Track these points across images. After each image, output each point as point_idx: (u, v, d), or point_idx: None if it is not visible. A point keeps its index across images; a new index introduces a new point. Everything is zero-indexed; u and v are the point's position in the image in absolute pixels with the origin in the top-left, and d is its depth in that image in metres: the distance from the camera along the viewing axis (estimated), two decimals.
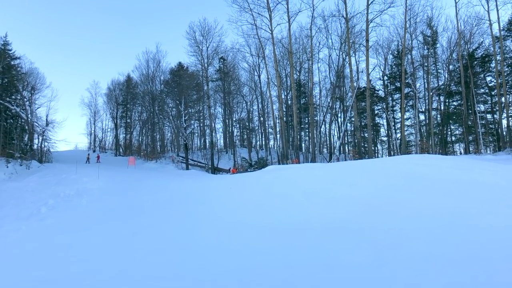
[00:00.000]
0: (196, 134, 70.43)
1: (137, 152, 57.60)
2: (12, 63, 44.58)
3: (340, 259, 8.82)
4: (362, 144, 52.19)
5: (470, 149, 48.07)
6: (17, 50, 50.43)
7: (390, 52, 55.45)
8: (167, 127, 65.25)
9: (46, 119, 44.38)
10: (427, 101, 50.00)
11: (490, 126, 49.79)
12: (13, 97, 42.94)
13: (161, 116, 60.13)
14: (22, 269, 11.17)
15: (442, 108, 53.11)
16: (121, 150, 64.68)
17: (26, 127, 42.32)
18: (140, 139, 68.15)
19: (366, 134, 50.67)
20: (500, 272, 6.95)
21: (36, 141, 43.24)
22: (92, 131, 75.10)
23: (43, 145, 43.13)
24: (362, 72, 53.02)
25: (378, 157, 52.86)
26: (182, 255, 10.88)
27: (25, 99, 43.11)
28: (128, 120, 69.75)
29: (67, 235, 15.00)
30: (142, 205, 19.30)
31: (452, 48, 49.63)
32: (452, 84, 51.50)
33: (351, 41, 47.84)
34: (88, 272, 10.28)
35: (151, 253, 11.51)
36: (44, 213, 19.34)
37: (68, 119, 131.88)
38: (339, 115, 58.44)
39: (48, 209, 19.91)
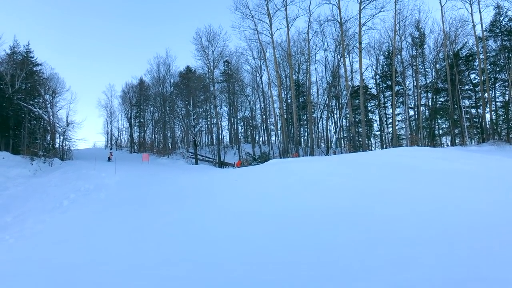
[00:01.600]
0: (204, 132, 70.56)
1: (150, 149, 57.74)
2: (34, 69, 44.79)
3: (337, 242, 8.87)
4: (357, 138, 52.19)
5: (456, 141, 48.00)
6: (38, 57, 50.73)
7: (381, 53, 55.32)
8: (177, 126, 65.31)
9: (67, 120, 44.53)
10: (416, 97, 49.84)
11: (475, 120, 49.64)
12: (35, 100, 43.09)
13: (172, 115, 60.22)
14: (49, 256, 11.29)
15: (430, 104, 53.02)
16: (135, 148, 64.75)
17: (48, 128, 42.50)
18: (153, 137, 68.29)
19: (360, 129, 50.60)
20: (483, 252, 6.99)
21: (57, 140, 43.46)
22: (109, 130, 75.44)
23: (64, 144, 43.34)
24: (356, 72, 52.95)
25: (371, 150, 52.81)
26: (191, 241, 10.96)
27: (47, 102, 43.24)
28: (142, 120, 69.79)
29: (88, 226, 15.12)
30: (155, 197, 19.40)
31: (438, 48, 49.46)
32: (439, 82, 51.35)
33: (345, 43, 47.78)
34: (107, 258, 10.38)
35: (164, 240, 11.59)
36: (66, 206, 19.49)
37: (86, 120, 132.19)
38: (335, 112, 58.43)
39: (69, 202, 20.07)
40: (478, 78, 44.70)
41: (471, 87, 49.89)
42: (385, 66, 55.38)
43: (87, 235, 13.45)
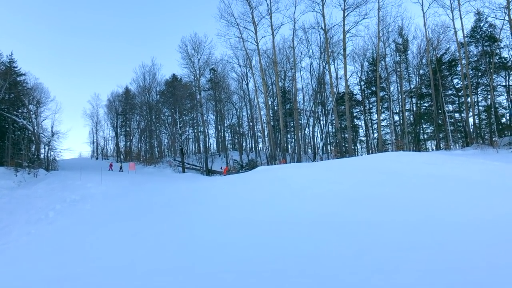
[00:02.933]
0: (191, 140, 70.34)
1: (136, 158, 57.37)
2: (18, 79, 44.19)
3: (325, 249, 8.89)
4: (343, 144, 52.55)
5: (441, 146, 48.65)
6: (22, 67, 50.09)
7: (365, 59, 55.98)
8: (163, 134, 65.05)
9: (51, 130, 44.07)
10: (400, 103, 50.43)
11: (458, 124, 50.40)
12: (20, 110, 42.60)
13: (158, 124, 59.99)
14: (33, 269, 11.11)
15: (414, 109, 53.68)
16: (122, 157, 64.22)
17: (33, 138, 41.97)
18: (139, 146, 67.82)
19: (346, 135, 50.98)
20: (471, 256, 7.06)
21: (42, 150, 42.95)
22: (95, 140, 74.75)
23: (49, 154, 42.82)
24: (341, 78, 53.40)
25: (357, 155, 53.20)
26: (180, 250, 10.89)
27: (31, 112, 42.74)
28: (128, 129, 69.36)
29: (74, 237, 14.94)
30: (142, 207, 19.25)
31: (421, 54, 50.23)
32: (422, 87, 52.06)
33: (330, 50, 48.23)
34: (93, 270, 10.26)
35: (152, 250, 11.50)
36: (52, 217, 19.24)
37: (71, 130, 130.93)
38: (321, 118, 58.80)
39: (55, 214, 19.81)
40: (461, 83, 45.47)
41: (454, 92, 50.69)
42: (369, 72, 56.00)
43: (74, 247, 13.28)
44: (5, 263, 12.62)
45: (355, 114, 59.31)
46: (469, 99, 43.22)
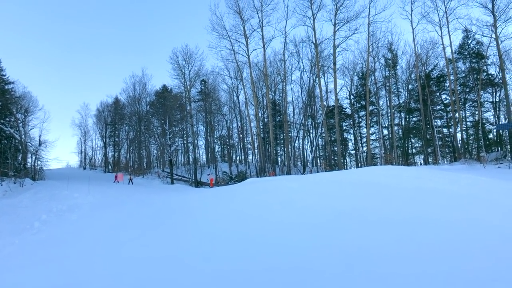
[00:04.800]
0: (180, 151, 70.04)
1: (125, 168, 56.93)
2: (6, 87, 43.78)
3: (315, 265, 8.86)
4: (332, 157, 52.70)
5: (429, 160, 49.10)
6: (10, 75, 49.36)
7: (355, 73, 56.47)
8: (152, 145, 64.81)
9: (39, 139, 43.56)
10: (389, 117, 50.92)
11: (446, 139, 50.98)
12: (7, 119, 42.03)
13: (147, 134, 59.73)
14: (17, 280, 10.89)
15: (403, 123, 54.27)
16: (110, 167, 63.70)
17: (20, 147, 41.45)
18: (128, 156, 67.40)
19: (335, 148, 51.17)
20: (458, 267, 7.09)
21: (29, 160, 42.41)
22: (83, 150, 74.16)
23: (36, 164, 42.31)
24: (330, 92, 53.69)
25: (347, 168, 53.42)
26: (167, 264, 10.76)
27: (19, 121, 42.29)
28: (117, 139, 68.87)
29: (59, 248, 14.69)
30: (129, 218, 19.04)
31: (410, 69, 50.94)
32: (411, 102, 52.70)
33: (320, 64, 48.70)
34: (79, 282, 10.09)
35: (137, 263, 11.36)
36: (37, 228, 18.93)
37: (59, 139, 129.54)
38: (311, 131, 58.98)
39: (41, 224, 19.50)
40: (449, 98, 46.13)
41: (442, 107, 51.41)
42: (359, 87, 56.56)
43: (58, 258, 13.06)
44: None
45: (344, 128, 59.75)
46: (457, 114, 43.85)
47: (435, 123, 48.51)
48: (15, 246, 16.01)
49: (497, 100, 45.56)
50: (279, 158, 64.32)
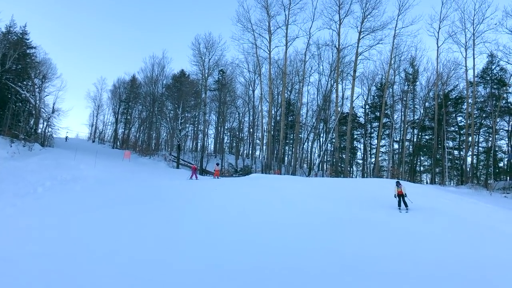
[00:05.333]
0: (190, 137, 70.20)
1: (133, 147, 57.19)
2: (28, 51, 44.19)
3: (309, 267, 8.87)
4: (339, 164, 52.59)
5: (436, 180, 48.68)
6: (33, 40, 49.95)
7: (374, 84, 56.20)
8: (163, 127, 65.02)
9: (53, 107, 43.97)
10: (402, 132, 50.64)
11: (456, 161, 50.51)
12: (24, 83, 42.46)
13: (159, 116, 59.96)
14: (15, 243, 11.01)
15: (415, 140, 53.83)
16: (118, 143, 64.05)
17: (33, 112, 41.87)
18: (137, 136, 67.64)
19: (344, 155, 51.03)
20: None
21: (40, 126, 42.81)
22: (94, 123, 74.62)
23: (47, 130, 42.70)
24: (346, 99, 53.58)
25: (352, 177, 53.24)
26: (162, 246, 10.81)
27: (36, 86, 42.63)
28: (128, 117, 69.13)
29: (59, 216, 14.83)
30: (132, 196, 19.15)
31: (430, 87, 50.54)
32: (426, 120, 52.24)
33: (340, 69, 48.52)
34: (75, 251, 10.18)
35: (134, 241, 11.43)
36: (40, 193, 19.14)
37: (73, 109, 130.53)
38: (322, 135, 58.82)
39: (44, 190, 19.72)
40: (465, 121, 45.67)
41: (456, 129, 50.89)
42: (375, 97, 56.22)
43: (57, 226, 13.18)
44: None
45: (355, 136, 59.43)
46: (470, 138, 43.42)
47: (447, 144, 48.07)
48: (16, 208, 16.20)
49: None
50: (286, 158, 64.27)
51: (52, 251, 10.09)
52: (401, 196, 16.47)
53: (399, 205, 16.31)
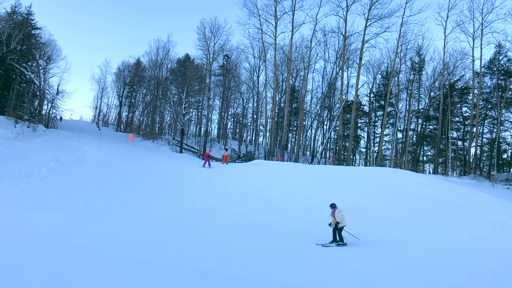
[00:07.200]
0: (193, 122, 70.02)
1: (136, 130, 57.22)
2: (33, 32, 43.94)
3: (308, 252, 8.94)
4: (342, 152, 52.54)
5: (439, 170, 48.59)
6: (38, 21, 49.62)
7: (379, 72, 55.60)
8: (167, 112, 64.87)
9: (57, 88, 43.95)
10: (406, 121, 50.39)
11: (459, 152, 50.33)
12: (29, 63, 42.31)
13: (163, 100, 59.82)
14: (17, 222, 11.12)
15: (419, 129, 53.57)
16: (122, 127, 64.09)
17: (38, 93, 41.84)
18: (141, 119, 67.59)
19: (347, 144, 50.95)
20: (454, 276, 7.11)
21: (45, 107, 42.84)
22: (98, 105, 74.65)
23: (51, 112, 42.76)
24: (351, 87, 53.22)
25: (355, 165, 53.22)
26: (165, 227, 10.88)
27: (40, 67, 42.51)
28: (133, 100, 69.00)
29: (62, 197, 14.95)
30: (135, 179, 19.27)
31: (435, 76, 50.04)
32: (431, 109, 51.92)
33: (346, 57, 48.10)
34: (76, 232, 10.27)
35: (135, 223, 11.51)
36: (44, 174, 19.26)
37: (77, 91, 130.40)
38: (325, 122, 58.60)
39: (48, 171, 19.82)
40: (469, 112, 45.39)
41: (461, 120, 50.58)
42: (381, 86, 55.80)
43: (60, 207, 13.28)
44: None
45: (359, 125, 59.15)
46: (474, 129, 43.24)
47: (451, 134, 47.81)
48: (20, 188, 16.33)
49: None
50: (289, 145, 64.23)
51: (54, 231, 10.17)
52: (335, 226, 11.18)
53: (334, 238, 11.12)
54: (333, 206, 11.39)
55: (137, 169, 22.17)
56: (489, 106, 45.68)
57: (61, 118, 50.19)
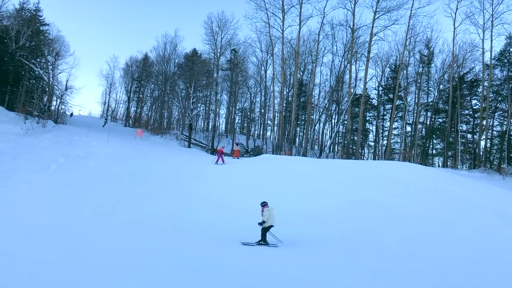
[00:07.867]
0: (201, 117, 70.05)
1: (145, 125, 57.42)
2: (41, 28, 44.21)
3: (318, 246, 8.91)
4: (351, 146, 52.30)
5: (448, 163, 48.22)
6: (47, 17, 49.86)
7: (388, 65, 55.12)
8: (175, 107, 64.93)
9: (66, 84, 44.13)
10: (415, 114, 50.02)
11: (469, 145, 49.87)
12: (38, 60, 42.55)
13: (171, 95, 59.91)
14: (28, 217, 11.21)
15: (428, 122, 53.15)
16: (130, 122, 64.33)
17: (47, 89, 42.10)
18: (149, 114, 67.75)
19: (355, 137, 50.67)
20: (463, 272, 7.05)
21: (54, 103, 43.09)
22: (106, 101, 74.82)
23: (60, 108, 43.00)
24: (360, 80, 52.85)
25: (364, 159, 52.99)
26: (174, 222, 10.91)
27: (49, 64, 42.72)
28: (141, 95, 69.11)
29: (72, 192, 15.04)
30: (144, 174, 19.34)
31: (445, 69, 49.54)
32: (440, 102, 51.47)
33: (354, 50, 47.79)
34: (87, 226, 10.32)
35: (145, 217, 11.55)
36: (53, 169, 19.40)
37: (85, 87, 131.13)
38: (334, 116, 58.32)
39: (57, 166, 19.97)
40: (479, 104, 44.99)
41: (470, 113, 50.07)
42: (389, 79, 55.32)
43: (69, 202, 13.36)
44: (1, 206, 12.73)
45: (368, 118, 58.79)
46: (484, 121, 42.83)
47: (461, 127, 47.33)
48: (31, 183, 16.46)
49: None
50: (297, 139, 64.10)
51: (64, 225, 10.23)
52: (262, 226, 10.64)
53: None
54: (263, 204, 11.04)
55: (146, 164, 22.25)
56: (499, 99, 45.11)
57: (71, 114, 50.51)
